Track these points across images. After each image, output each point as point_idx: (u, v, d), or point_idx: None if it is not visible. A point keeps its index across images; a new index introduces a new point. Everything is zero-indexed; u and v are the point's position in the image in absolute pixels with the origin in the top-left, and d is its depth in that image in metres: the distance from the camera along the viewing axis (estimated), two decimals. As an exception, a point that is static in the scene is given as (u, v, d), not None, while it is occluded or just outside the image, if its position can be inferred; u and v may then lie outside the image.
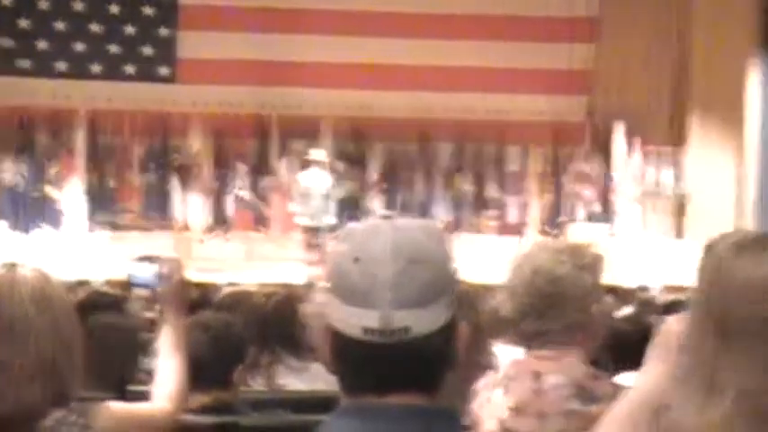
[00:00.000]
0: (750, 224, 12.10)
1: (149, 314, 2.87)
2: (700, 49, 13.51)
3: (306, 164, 13.00)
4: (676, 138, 13.93)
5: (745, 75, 12.37)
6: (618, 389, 2.43)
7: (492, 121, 15.07)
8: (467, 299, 1.52)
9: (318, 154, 12.97)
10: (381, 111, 14.91)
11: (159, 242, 12.65)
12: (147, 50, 15.15)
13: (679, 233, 13.52)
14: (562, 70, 15.27)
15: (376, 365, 1.46)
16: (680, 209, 13.81)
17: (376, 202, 14.44)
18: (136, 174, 14.62)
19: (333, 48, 15.02)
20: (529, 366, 2.47)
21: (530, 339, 2.51)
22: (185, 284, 2.97)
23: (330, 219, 12.23)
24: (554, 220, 14.61)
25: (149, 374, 2.90)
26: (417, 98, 15.02)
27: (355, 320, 1.45)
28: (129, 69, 15.11)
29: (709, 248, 1.84)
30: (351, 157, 14.70)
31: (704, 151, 13.52)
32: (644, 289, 8.81)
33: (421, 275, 1.46)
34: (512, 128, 15.11)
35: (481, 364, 2.91)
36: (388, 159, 15.16)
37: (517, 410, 2.41)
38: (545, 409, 2.39)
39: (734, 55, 12.56)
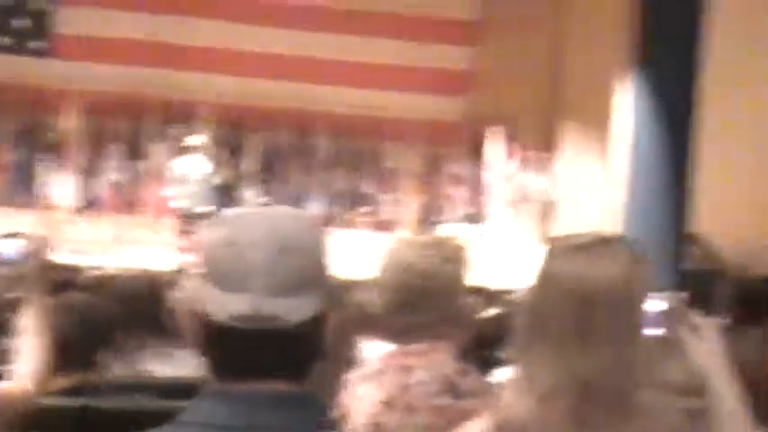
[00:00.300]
0: (616, 232, 12.42)
1: (12, 293, 2.80)
2: (573, 57, 13.84)
3: (182, 149, 12.83)
4: (548, 143, 14.24)
5: (616, 84, 12.70)
6: (486, 385, 2.48)
7: (370, 118, 15.14)
8: (335, 293, 1.53)
9: (196, 139, 12.82)
10: (261, 100, 14.82)
11: (25, 221, 12.31)
12: (22, 23, 14.71)
13: (546, 237, 13.80)
14: (442, 71, 15.46)
15: (244, 351, 1.47)
16: (548, 214, 14.10)
17: (252, 192, 14.35)
18: (4, 149, 14.19)
19: (215, 33, 14.86)
20: (398, 361, 2.49)
21: (399, 334, 2.54)
22: (51, 264, 2.91)
23: (205, 206, 12.09)
24: (427, 220, 14.77)
25: (10, 354, 2.84)
26: (298, 90, 14.98)
27: (226, 306, 1.45)
28: (2, 41, 14.65)
29: (546, 250, 1.90)
30: (228, 145, 14.57)
31: (574, 158, 13.85)
32: (510, 292, 8.95)
33: (293, 264, 1.47)
34: (389, 125, 15.21)
35: (348, 358, 2.94)
36: (265, 149, 15.08)
37: (386, 404, 2.43)
38: (414, 403, 2.41)
39: (605, 63, 12.88)
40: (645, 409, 1.78)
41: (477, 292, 5.34)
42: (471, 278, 2.60)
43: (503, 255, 12.90)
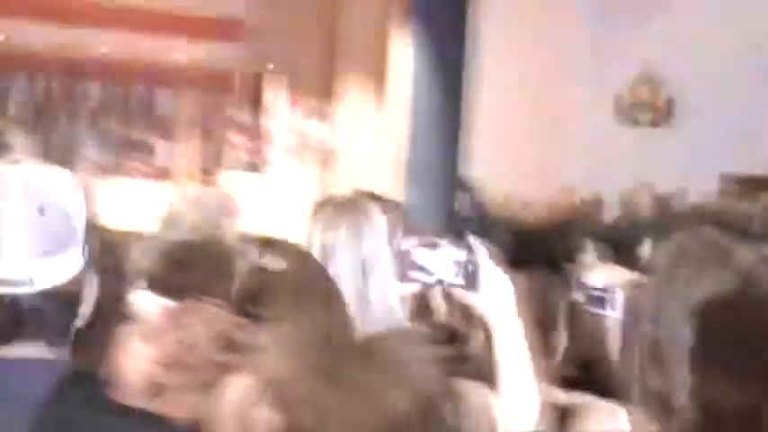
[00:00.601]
0: (395, 181, 12.70)
1: None
2: (351, 6, 13.93)
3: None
4: (328, 92, 14.31)
5: (393, 33, 12.89)
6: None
7: (144, 63, 14.74)
8: (108, 246, 1.48)
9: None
10: (26, 44, 14.14)
11: None
12: None
13: (327, 186, 13.94)
14: (219, 17, 15.19)
15: (1, 316, 1.41)
16: (329, 162, 14.21)
17: (18, 140, 13.73)
18: None
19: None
20: (173, 318, 2.46)
21: (173, 291, 2.50)
22: None
23: (-34, 155, 11.48)
24: (205, 168, 14.59)
25: None
26: (67, 33, 14.38)
27: (-21, 269, 1.38)
28: None
29: (310, 208, 1.93)
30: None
31: (354, 107, 13.99)
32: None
33: (51, 224, 1.41)
34: (164, 71, 14.86)
35: (122, 314, 2.86)
36: (33, 95, 14.44)
37: (162, 363, 2.39)
38: (190, 360, 2.38)
39: (383, 13, 13.03)
40: (392, 359, 1.81)
41: (261, 241, 5.32)
42: (253, 227, 2.59)
43: (285, 203, 12.92)
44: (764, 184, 11.90)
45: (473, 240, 2.05)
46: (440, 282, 2.00)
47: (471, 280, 1.99)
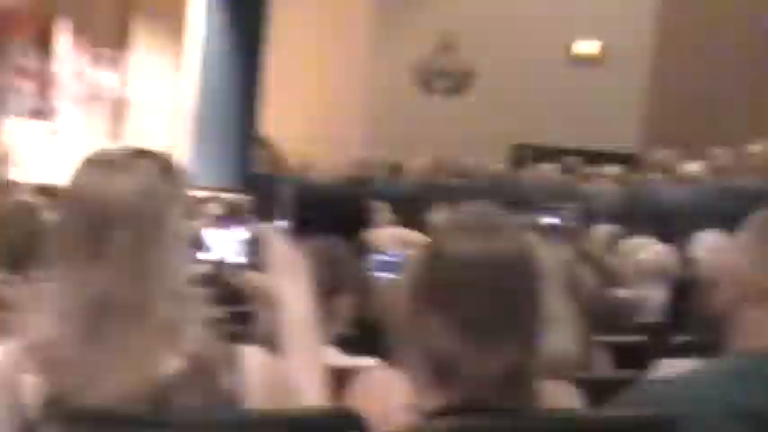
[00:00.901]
0: (186, 133, 12.49)
1: None
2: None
3: None
4: (121, 40, 13.91)
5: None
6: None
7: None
8: None
9: None
10: None
11: None
12: None
13: (117, 137, 13.58)
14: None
15: None
16: (120, 112, 13.85)
17: None
18: None
19: None
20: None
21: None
22: None
23: None
24: (-12, 113, 13.91)
25: None
26: None
27: None
28: None
29: (77, 164, 1.88)
30: None
31: (147, 57, 13.67)
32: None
33: None
34: (-53, 9, 14.03)
35: None
36: None
37: None
38: None
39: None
40: (164, 320, 1.77)
41: (45, 191, 5.13)
42: (38, 177, 2.47)
43: (72, 153, 12.48)
44: (548, 153, 12.38)
45: (259, 223, 2.04)
46: (226, 262, 1.99)
47: (257, 258, 1.98)
